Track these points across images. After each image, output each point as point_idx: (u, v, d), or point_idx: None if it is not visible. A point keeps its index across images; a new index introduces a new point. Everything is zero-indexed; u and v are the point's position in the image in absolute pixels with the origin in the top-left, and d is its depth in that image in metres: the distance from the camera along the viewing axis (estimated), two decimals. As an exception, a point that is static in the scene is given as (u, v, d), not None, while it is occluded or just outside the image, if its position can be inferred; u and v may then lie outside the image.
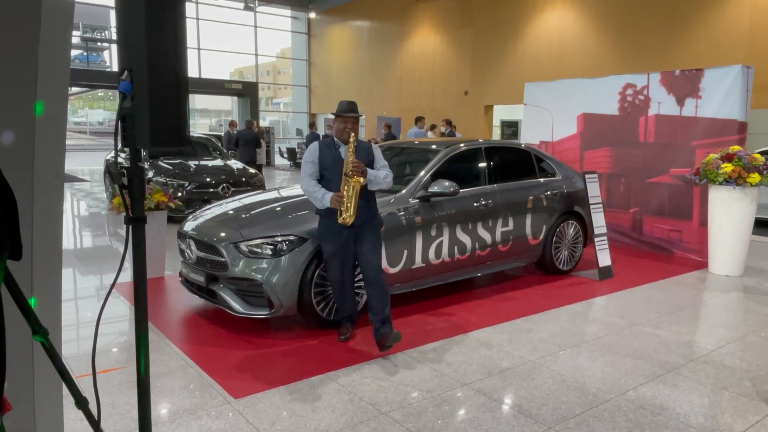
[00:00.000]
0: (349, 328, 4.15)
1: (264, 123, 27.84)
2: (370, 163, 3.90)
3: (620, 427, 2.89)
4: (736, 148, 5.96)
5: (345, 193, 3.66)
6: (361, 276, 4.36)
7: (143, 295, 1.85)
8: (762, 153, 8.37)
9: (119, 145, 4.94)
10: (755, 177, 5.73)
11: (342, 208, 3.66)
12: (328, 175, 3.83)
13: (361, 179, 3.63)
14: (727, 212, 5.94)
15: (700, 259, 6.55)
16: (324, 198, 3.72)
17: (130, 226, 1.74)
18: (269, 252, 4.02)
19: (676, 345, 4.04)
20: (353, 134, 3.77)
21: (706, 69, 6.61)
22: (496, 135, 19.49)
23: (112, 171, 1.88)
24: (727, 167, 5.79)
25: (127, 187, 1.71)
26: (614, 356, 3.82)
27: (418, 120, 12.83)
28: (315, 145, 3.92)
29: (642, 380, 3.45)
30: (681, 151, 6.80)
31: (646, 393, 3.29)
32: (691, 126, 6.71)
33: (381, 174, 3.83)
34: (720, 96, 6.42)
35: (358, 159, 3.76)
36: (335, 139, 3.89)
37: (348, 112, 3.86)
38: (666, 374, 3.54)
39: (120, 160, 9.47)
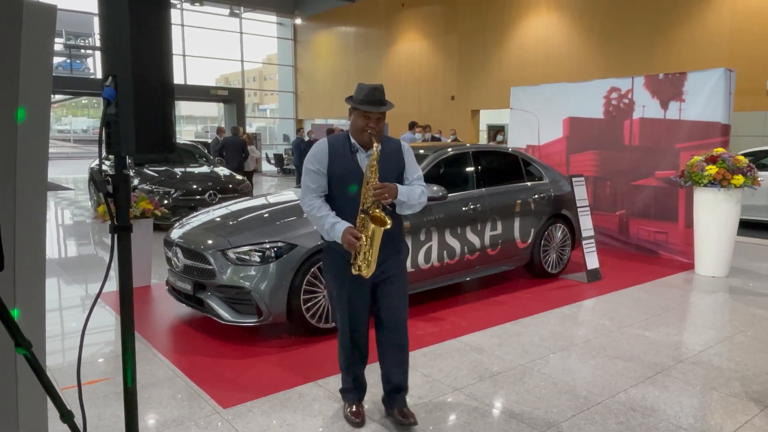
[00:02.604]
0: (361, 407, 2.99)
1: (251, 129, 27.73)
2: (400, 174, 2.80)
3: (611, 430, 2.89)
4: (720, 150, 6.03)
5: (363, 235, 2.61)
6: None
7: (129, 304, 1.81)
8: (745, 155, 8.49)
9: (104, 153, 4.89)
10: (739, 179, 5.80)
11: (359, 259, 2.65)
12: (340, 191, 2.73)
13: (388, 222, 2.57)
14: (712, 214, 6.01)
15: (686, 261, 6.60)
16: (332, 230, 2.67)
17: (115, 235, 1.71)
18: (257, 259, 3.99)
19: (664, 346, 4.06)
20: (376, 143, 2.62)
21: (689, 72, 6.70)
22: (483, 139, 19.59)
23: (96, 179, 1.83)
24: (712, 169, 5.85)
25: (112, 195, 1.68)
26: (604, 358, 3.83)
27: (413, 126, 12.82)
28: (322, 145, 2.78)
29: (632, 382, 3.46)
30: (666, 154, 6.87)
31: (637, 395, 3.29)
32: (675, 129, 6.78)
33: (415, 192, 2.73)
34: (703, 99, 6.50)
35: (385, 170, 2.68)
36: (352, 140, 2.76)
37: (370, 105, 2.65)
38: (655, 376, 3.55)
39: (105, 167, 9.37)
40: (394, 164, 2.76)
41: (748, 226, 8.88)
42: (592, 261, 5.96)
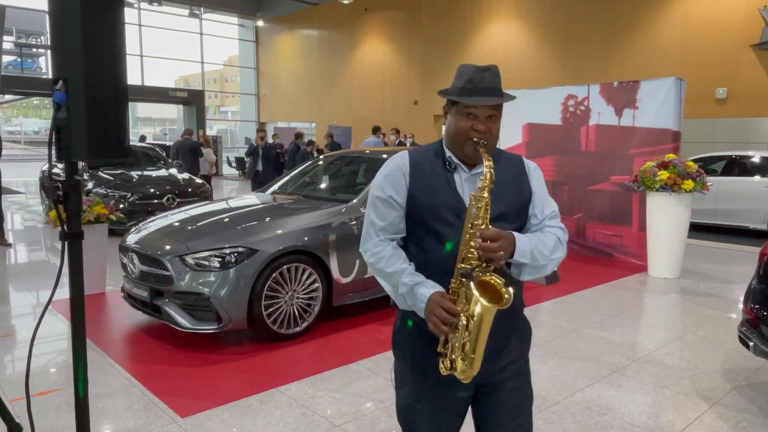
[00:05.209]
0: None
1: (211, 132, 27.27)
2: (523, 208, 1.75)
3: (568, 429, 2.96)
4: (671, 156, 6.26)
5: (459, 308, 1.52)
6: (312, 293, 4.29)
7: (81, 313, 1.76)
8: (695, 161, 8.83)
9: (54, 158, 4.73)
10: (689, 184, 6.03)
11: (453, 349, 1.55)
12: (425, 234, 1.69)
13: (505, 296, 1.47)
14: (664, 217, 6.22)
15: (640, 263, 6.82)
16: (411, 296, 1.64)
17: (66, 243, 1.65)
18: (217, 264, 3.92)
19: (620, 346, 4.18)
20: (487, 159, 1.58)
21: (642, 81, 6.93)
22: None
23: (45, 184, 1.74)
24: (663, 175, 6.06)
25: (63, 201, 1.63)
26: (562, 359, 3.92)
27: (376, 130, 12.84)
28: (400, 160, 1.74)
29: (589, 381, 3.55)
30: (620, 160, 7.08)
31: (593, 394, 3.38)
32: (629, 135, 7.00)
33: (547, 243, 1.68)
34: (655, 107, 6.74)
35: (501, 203, 1.65)
36: (447, 152, 1.72)
37: (477, 95, 1.63)
38: (611, 375, 3.66)
39: (58, 171, 9.06)
40: (513, 194, 1.72)
41: (698, 229, 9.23)
42: (551, 264, 6.08)
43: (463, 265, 1.56)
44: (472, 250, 1.54)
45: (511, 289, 1.48)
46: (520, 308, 1.86)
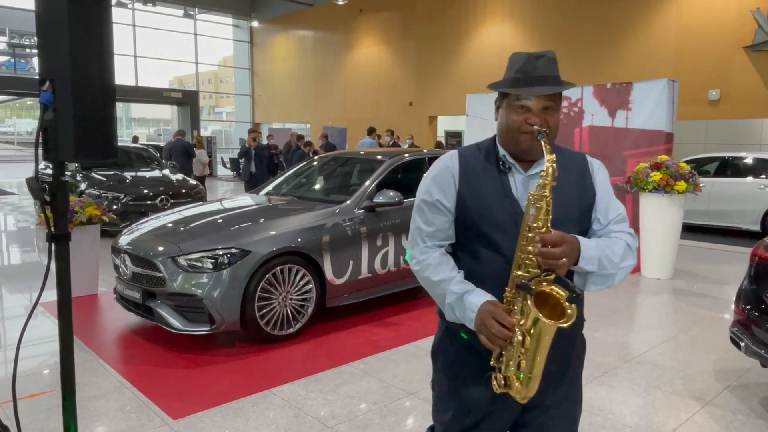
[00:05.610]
0: None
1: (206, 132, 27.20)
2: (587, 211, 1.58)
3: (561, 430, 2.96)
4: (664, 157, 6.28)
5: (514, 320, 1.40)
6: (306, 294, 4.29)
7: (68, 315, 1.74)
8: (688, 162, 8.87)
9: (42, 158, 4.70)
10: (682, 185, 6.05)
11: (507, 365, 1.43)
12: (476, 240, 1.56)
13: (568, 310, 1.35)
14: (657, 218, 6.24)
15: (633, 264, 6.82)
16: (459, 305, 1.51)
17: (53, 245, 1.64)
18: (210, 266, 3.91)
19: (612, 347, 4.19)
20: (548, 154, 1.42)
21: (635, 82, 6.95)
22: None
23: (32, 186, 1.71)
24: (656, 176, 6.09)
25: (49, 203, 1.61)
26: (555, 360, 3.92)
27: (371, 131, 12.83)
28: (448, 161, 1.62)
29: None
30: (613, 161, 7.10)
31: (585, 394, 3.36)
32: (622, 137, 7.02)
33: (616, 249, 1.50)
34: (648, 108, 6.76)
35: (563, 206, 1.50)
36: (500, 150, 1.59)
37: (532, 84, 1.49)
38: (603, 375, 3.66)
39: (48, 172, 9.02)
40: (576, 195, 1.56)
41: (691, 230, 9.27)
42: (545, 265, 6.09)
43: (519, 273, 1.40)
44: (530, 256, 1.38)
45: (571, 307, 1.33)
46: (581, 325, 1.69)
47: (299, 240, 4.22)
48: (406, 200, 4.89)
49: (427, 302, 5.29)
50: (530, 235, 1.39)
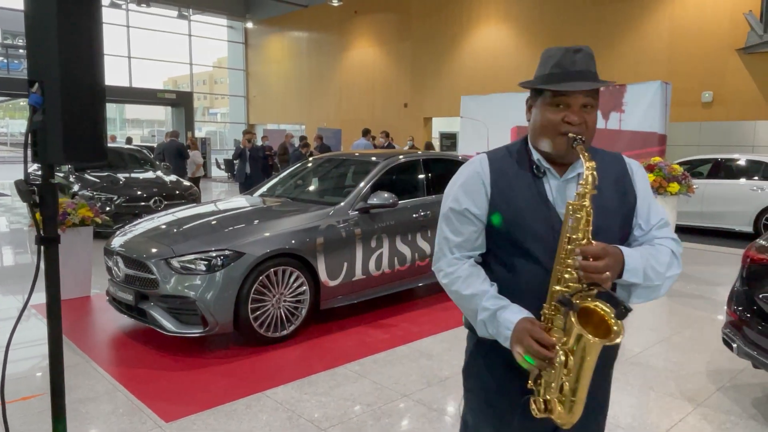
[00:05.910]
0: None
1: (200, 133, 27.13)
2: (628, 218, 1.50)
3: None
4: (657, 159, 6.31)
5: (553, 340, 1.30)
6: (299, 296, 4.28)
7: (57, 318, 1.73)
8: (681, 164, 8.91)
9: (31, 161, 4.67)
10: (675, 186, 6.08)
11: (548, 387, 1.34)
12: (510, 251, 1.47)
13: (614, 328, 1.27)
14: (651, 220, 6.26)
15: (627, 265, 6.85)
16: (493, 322, 1.42)
17: (41, 247, 1.63)
18: (203, 268, 3.89)
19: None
20: (587, 159, 1.36)
21: (629, 84, 6.99)
22: (437, 146, 19.80)
23: (21, 188, 1.70)
24: (649, 177, 6.11)
25: (39, 205, 1.60)
26: (549, 362, 3.92)
27: (366, 132, 12.81)
28: (478, 166, 1.54)
29: (575, 384, 3.56)
30: (608, 162, 7.12)
31: (579, 397, 3.38)
32: (615, 138, 7.05)
33: (661, 258, 1.42)
34: (641, 110, 6.80)
35: (605, 212, 1.42)
36: (534, 153, 1.50)
37: (568, 80, 1.41)
38: (597, 377, 3.66)
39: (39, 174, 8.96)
40: (616, 201, 1.46)
41: (684, 232, 9.30)
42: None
43: (559, 288, 1.31)
44: (570, 270, 1.29)
45: (617, 323, 1.24)
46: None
47: (293, 242, 4.21)
48: (401, 202, 4.89)
49: (421, 304, 5.29)
50: (569, 247, 1.30)
